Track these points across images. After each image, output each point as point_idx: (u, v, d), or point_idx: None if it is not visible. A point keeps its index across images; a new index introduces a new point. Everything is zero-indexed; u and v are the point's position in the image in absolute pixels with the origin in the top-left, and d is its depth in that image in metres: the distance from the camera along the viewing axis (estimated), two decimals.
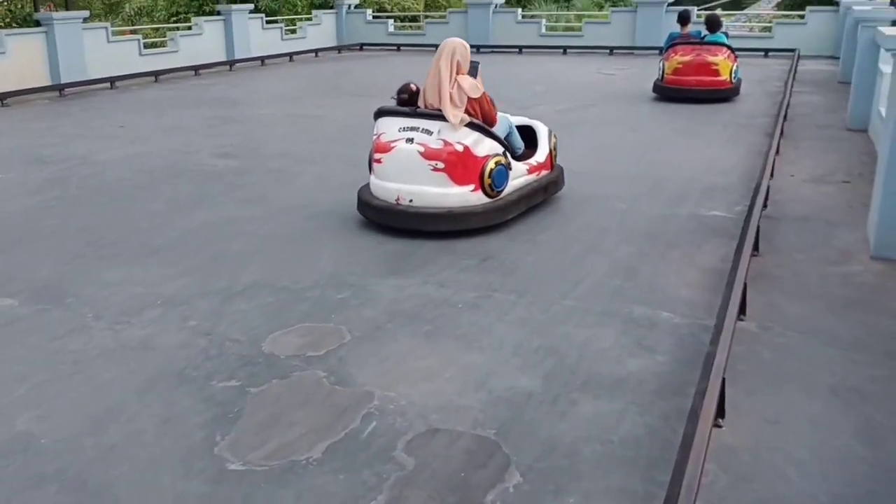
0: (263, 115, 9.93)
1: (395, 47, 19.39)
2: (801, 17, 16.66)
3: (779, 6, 21.53)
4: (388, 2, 29.52)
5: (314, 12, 19.76)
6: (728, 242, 4.82)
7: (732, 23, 22.51)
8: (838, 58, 14.19)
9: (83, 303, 3.78)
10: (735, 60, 10.36)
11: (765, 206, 5.48)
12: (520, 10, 19.65)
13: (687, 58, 10.25)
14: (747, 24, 21.87)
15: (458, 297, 3.99)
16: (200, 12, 16.44)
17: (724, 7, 41.17)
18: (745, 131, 8.46)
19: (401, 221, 4.93)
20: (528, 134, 5.73)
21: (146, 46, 14.70)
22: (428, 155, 4.86)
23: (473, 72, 5.06)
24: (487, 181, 4.92)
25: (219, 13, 16.34)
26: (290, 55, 17.44)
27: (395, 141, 5.00)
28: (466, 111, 4.91)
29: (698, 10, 16.75)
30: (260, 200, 5.89)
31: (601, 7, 26.85)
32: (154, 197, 5.93)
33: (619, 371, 3.24)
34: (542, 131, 5.77)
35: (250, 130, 8.91)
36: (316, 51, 18.39)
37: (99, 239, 4.85)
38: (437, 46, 5.15)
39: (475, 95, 4.95)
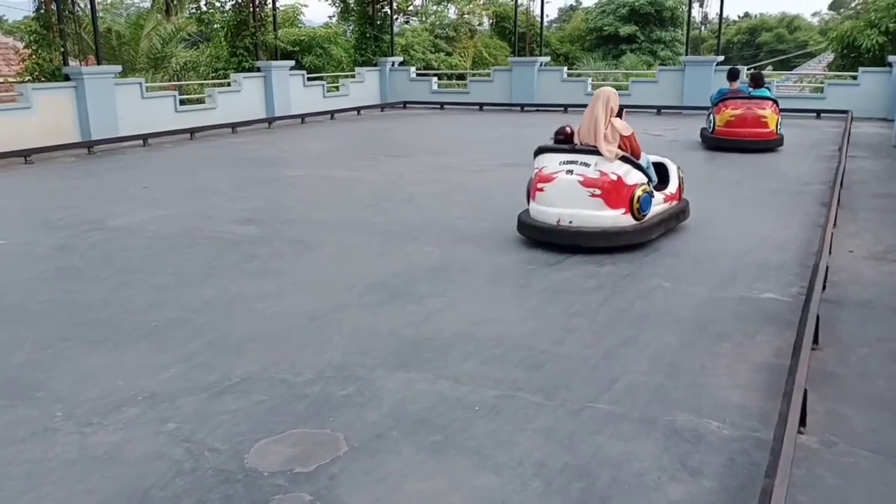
0: (295, 177, 9.71)
1: (439, 105, 19.35)
2: (854, 77, 16.10)
3: (830, 67, 20.94)
4: (436, 59, 29.89)
5: (357, 69, 19.85)
6: (784, 332, 4.30)
7: (782, 82, 22.00)
8: (892, 120, 13.59)
9: (55, 398, 3.41)
10: (779, 114, 11.09)
11: (823, 287, 4.94)
12: (565, 68, 19.45)
13: (738, 111, 10.95)
14: (798, 83, 21.31)
15: (475, 396, 3.54)
16: (240, 68, 16.51)
17: (774, 67, 40.68)
18: (798, 199, 7.93)
19: (561, 239, 5.90)
20: (659, 170, 6.53)
21: (182, 103, 14.76)
22: (586, 183, 5.84)
23: (620, 114, 6.06)
24: (636, 206, 5.87)
25: (258, 69, 16.42)
26: (332, 113, 17.43)
27: (557, 172, 5.98)
28: (619, 147, 5.89)
29: (746, 69, 16.31)
30: (275, 274, 5.55)
31: (650, 66, 26.69)
32: (161, 269, 5.62)
33: (659, 501, 2.74)
34: (672, 167, 6.65)
35: (278, 193, 8.66)
36: (358, 109, 18.39)
37: (90, 319, 4.52)
38: (479, 105, 8.30)
39: (626, 134, 5.98)
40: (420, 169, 10.21)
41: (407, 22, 35.35)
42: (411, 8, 35.12)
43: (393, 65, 20.38)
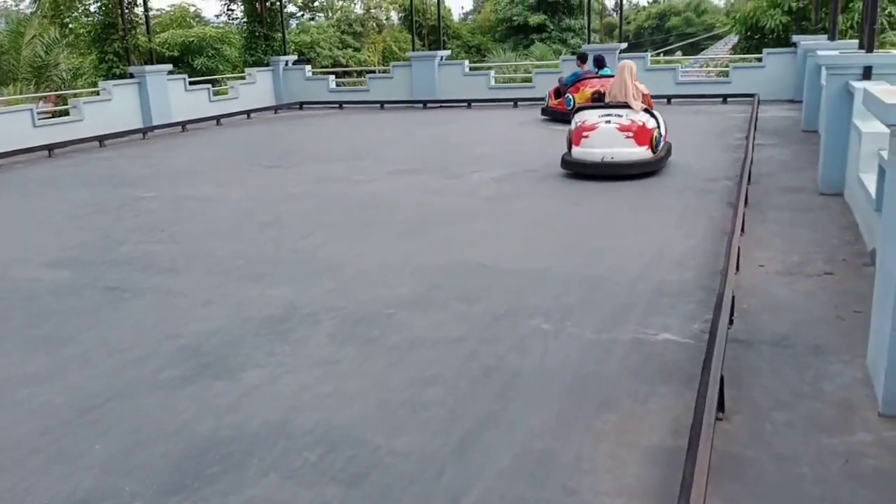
0: (145, 199, 8.43)
1: (338, 105, 18.29)
2: (759, 59, 15.66)
3: (735, 49, 20.62)
4: (343, 56, 28.64)
5: (247, 70, 18.52)
6: (683, 392, 3.40)
7: (688, 67, 21.62)
8: (799, 101, 13.12)
9: None
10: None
11: (729, 322, 4.07)
12: (466, 62, 18.57)
13: (595, 88, 12.63)
14: (704, 68, 20.95)
15: None
16: (110, 75, 15.03)
17: (684, 51, 40.82)
18: (704, 199, 7.13)
19: (605, 170, 7.94)
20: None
21: (41, 116, 13.22)
22: (622, 129, 8.00)
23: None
24: (654, 143, 8.06)
25: (131, 76, 14.94)
26: (218, 118, 16.04)
27: (597, 122, 8.11)
28: (641, 101, 8.25)
29: (622, 53, 15.69)
30: (63, 343, 4.37)
31: (560, 54, 26.03)
32: None
33: None
34: (660, 117, 8.50)
35: (116, 222, 7.40)
36: (248, 112, 17.13)
37: None
38: (380, 103, 14.86)
39: (647, 92, 8.50)
40: (299, 181, 9.10)
41: (312, 18, 33.91)
42: (316, 4, 33.75)
43: (287, 64, 19.15)
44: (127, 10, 15.22)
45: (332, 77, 19.41)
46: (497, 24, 32.90)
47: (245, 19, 19.57)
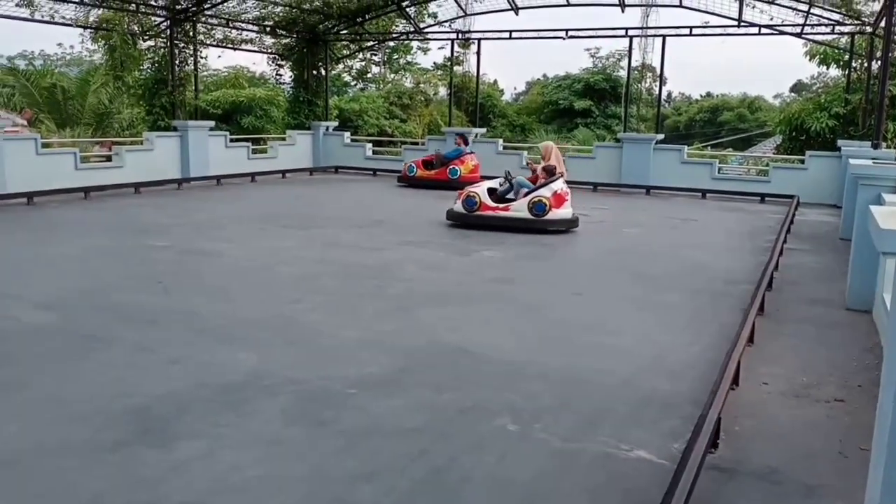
0: (155, 249, 8.38)
1: (372, 172, 18.39)
2: (802, 161, 15.32)
3: (777, 149, 20.31)
4: (390, 125, 29.08)
5: (288, 132, 18.88)
6: None
7: (734, 163, 21.33)
8: (841, 207, 12.70)
9: None
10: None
11: (714, 445, 3.68)
12: (501, 140, 18.63)
13: (474, 162, 15.74)
14: (743, 165, 20.65)
15: None
16: (155, 127, 15.44)
17: (735, 147, 40.57)
18: (719, 303, 6.74)
19: (575, 226, 10.57)
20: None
21: (83, 160, 13.51)
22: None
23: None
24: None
25: (174, 129, 15.28)
26: (253, 175, 16.26)
27: (567, 191, 10.77)
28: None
29: (690, 149, 15.56)
30: (16, 389, 4.20)
31: (604, 139, 26.07)
32: None
33: None
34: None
35: (118, 269, 7.33)
36: (284, 172, 17.34)
37: None
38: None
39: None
40: (309, 244, 8.98)
41: (364, 88, 34.73)
42: (369, 75, 34.60)
43: (327, 129, 19.46)
44: (178, 68, 15.64)
45: (368, 145, 19.64)
46: (543, 107, 33.20)
47: (292, 84, 20.00)
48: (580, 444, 3.74)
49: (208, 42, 17.41)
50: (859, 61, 15.78)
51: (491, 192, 10.77)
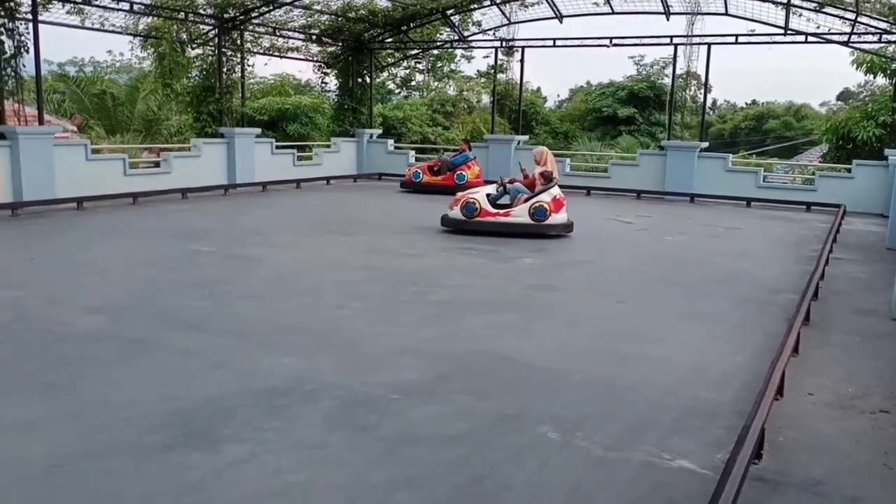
0: (200, 254, 8.54)
1: None
2: (849, 170, 14.95)
3: (824, 158, 19.85)
4: (433, 133, 29.21)
5: (333, 140, 19.08)
6: None
7: (778, 171, 20.90)
8: (888, 216, 12.36)
9: None
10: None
11: (758, 456, 3.62)
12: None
13: (477, 168, 16.25)
14: (789, 174, 20.22)
15: None
16: (203, 134, 15.73)
17: (780, 155, 39.74)
18: (764, 312, 6.61)
19: (569, 231, 10.69)
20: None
21: (132, 166, 13.83)
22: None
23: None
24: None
25: (221, 136, 15.57)
26: (298, 182, 16.49)
27: (563, 197, 10.92)
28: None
29: (735, 157, 15.26)
30: (67, 391, 4.32)
31: (647, 147, 25.79)
32: None
33: None
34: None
35: (164, 274, 7.47)
36: (328, 178, 17.57)
37: None
38: None
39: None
40: (352, 250, 9.07)
41: (408, 96, 34.94)
42: (413, 83, 34.81)
43: (371, 136, 19.62)
44: (225, 76, 15.92)
45: (412, 152, 19.75)
46: (587, 114, 32.98)
47: (337, 91, 20.20)
48: (622, 452, 3.70)
49: (255, 50, 17.68)
50: None
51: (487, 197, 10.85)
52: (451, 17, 18.21)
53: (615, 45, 16.77)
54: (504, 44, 18.30)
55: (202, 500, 3.15)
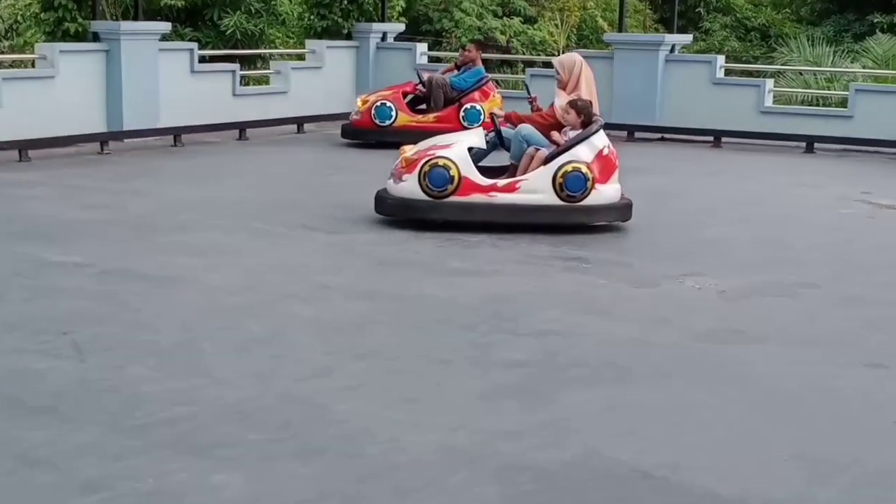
0: (59, 268, 8.72)
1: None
2: None
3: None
4: (503, 28, 29.22)
5: (309, 43, 19.64)
6: None
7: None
8: None
9: None
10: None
11: None
12: (721, 58, 18.47)
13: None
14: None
15: None
16: (58, 34, 16.01)
17: None
18: None
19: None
20: None
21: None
22: None
23: None
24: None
25: (95, 37, 15.93)
26: (243, 128, 17.11)
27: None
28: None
29: None
30: None
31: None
32: None
33: None
34: None
35: None
36: (301, 120, 18.29)
37: None
38: None
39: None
40: (344, 259, 9.35)
41: None
42: None
43: (384, 37, 20.04)
44: None
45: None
46: None
47: None
48: None
49: None
50: None
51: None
52: None
53: None
54: None
55: None
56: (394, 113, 16.08)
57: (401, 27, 20.71)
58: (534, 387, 6.25)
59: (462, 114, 15.87)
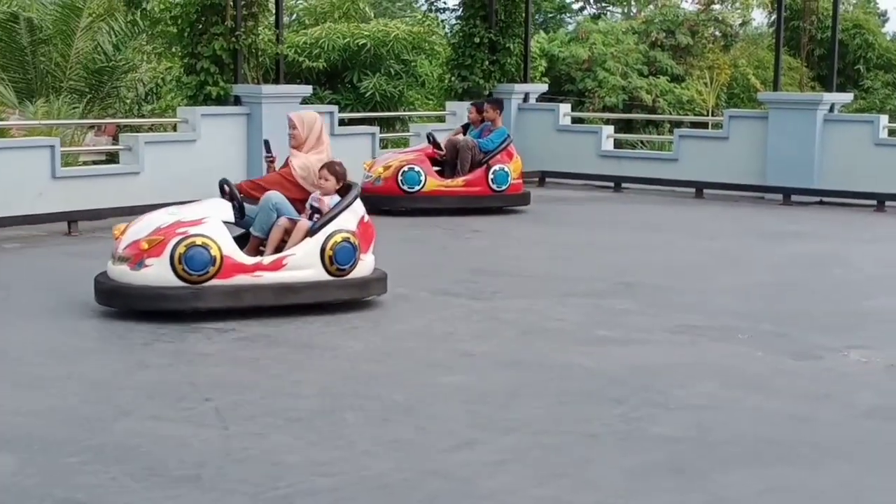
0: None
1: (613, 183, 19.08)
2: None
3: None
4: (648, 87, 29.10)
5: (449, 105, 19.59)
6: None
7: None
8: None
9: None
10: None
11: None
12: (883, 117, 18.10)
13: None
14: None
15: None
16: (200, 97, 16.29)
17: None
18: None
19: None
20: None
21: (67, 161, 14.51)
22: None
23: None
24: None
25: (237, 100, 16.18)
26: None
27: None
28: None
29: None
30: None
31: None
32: None
33: None
34: None
35: None
36: None
37: None
38: (696, 185, 17.47)
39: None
40: (490, 326, 9.28)
41: (598, 16, 35.17)
42: None
43: (525, 98, 20.05)
44: None
45: (607, 128, 19.92)
46: None
47: (461, 11, 20.40)
48: None
49: None
50: None
51: None
52: None
53: None
54: None
55: None
56: (423, 178, 15.65)
57: (543, 87, 20.70)
58: (684, 467, 6.04)
59: (491, 176, 15.70)
